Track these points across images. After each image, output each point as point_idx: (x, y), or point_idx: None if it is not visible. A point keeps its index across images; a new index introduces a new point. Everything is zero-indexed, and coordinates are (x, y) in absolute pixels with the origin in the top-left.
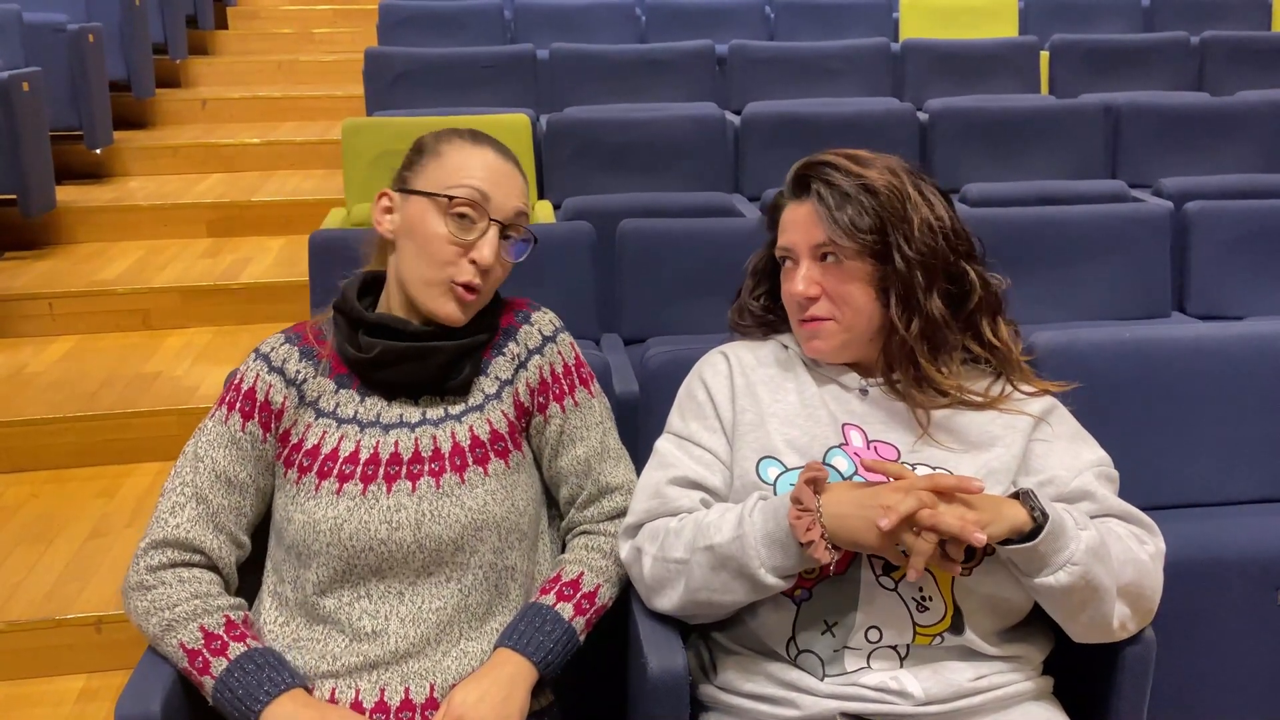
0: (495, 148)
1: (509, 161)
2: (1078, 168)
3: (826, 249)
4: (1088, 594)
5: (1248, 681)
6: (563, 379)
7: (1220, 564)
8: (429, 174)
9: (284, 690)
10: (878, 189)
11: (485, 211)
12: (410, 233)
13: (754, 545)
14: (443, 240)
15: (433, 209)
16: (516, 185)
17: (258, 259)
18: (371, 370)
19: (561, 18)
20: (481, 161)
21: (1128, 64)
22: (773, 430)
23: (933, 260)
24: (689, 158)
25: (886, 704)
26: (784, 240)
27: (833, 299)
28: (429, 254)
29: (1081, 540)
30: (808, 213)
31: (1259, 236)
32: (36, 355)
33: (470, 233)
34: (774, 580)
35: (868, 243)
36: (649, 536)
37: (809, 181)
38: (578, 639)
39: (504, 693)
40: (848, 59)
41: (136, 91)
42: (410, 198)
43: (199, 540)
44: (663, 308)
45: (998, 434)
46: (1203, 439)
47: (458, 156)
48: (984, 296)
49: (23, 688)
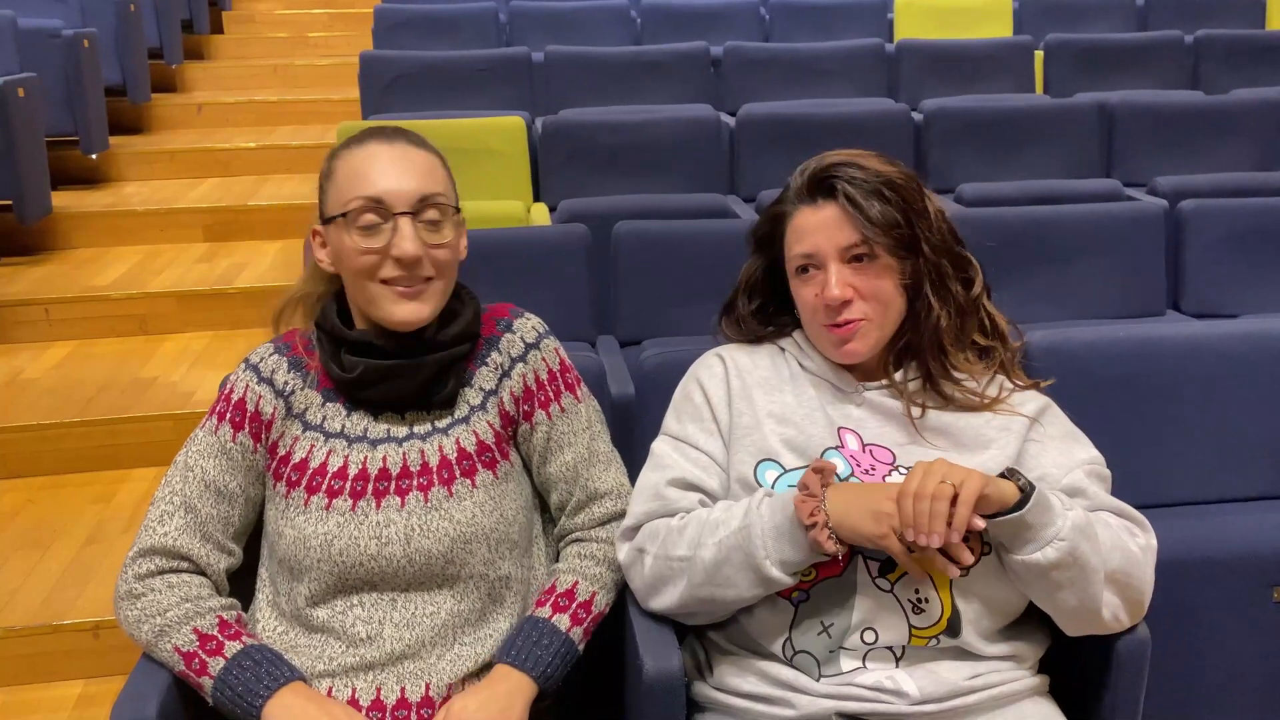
0: (383, 138)
1: (399, 143)
2: (1073, 167)
3: (859, 249)
4: (1075, 572)
5: (1244, 679)
6: (547, 385)
7: (1215, 562)
8: (331, 197)
9: (284, 684)
10: (898, 183)
11: (386, 210)
12: (339, 260)
13: (760, 537)
14: (360, 255)
15: (343, 230)
16: (413, 166)
17: (254, 263)
18: (356, 389)
19: (556, 20)
20: (367, 162)
21: (1122, 63)
22: (769, 432)
23: (947, 248)
24: (684, 159)
25: (882, 703)
26: (804, 247)
27: (866, 298)
28: (357, 271)
29: (1069, 518)
30: (833, 216)
31: (1253, 235)
32: (33, 361)
33: (379, 238)
34: (779, 574)
35: (901, 237)
36: (649, 536)
37: (831, 184)
38: (576, 649)
39: (502, 704)
40: (842, 60)
41: (132, 96)
42: (329, 226)
43: (186, 548)
44: (658, 309)
45: (992, 436)
46: (1198, 437)
47: (345, 169)
48: (983, 281)
49: (20, 694)
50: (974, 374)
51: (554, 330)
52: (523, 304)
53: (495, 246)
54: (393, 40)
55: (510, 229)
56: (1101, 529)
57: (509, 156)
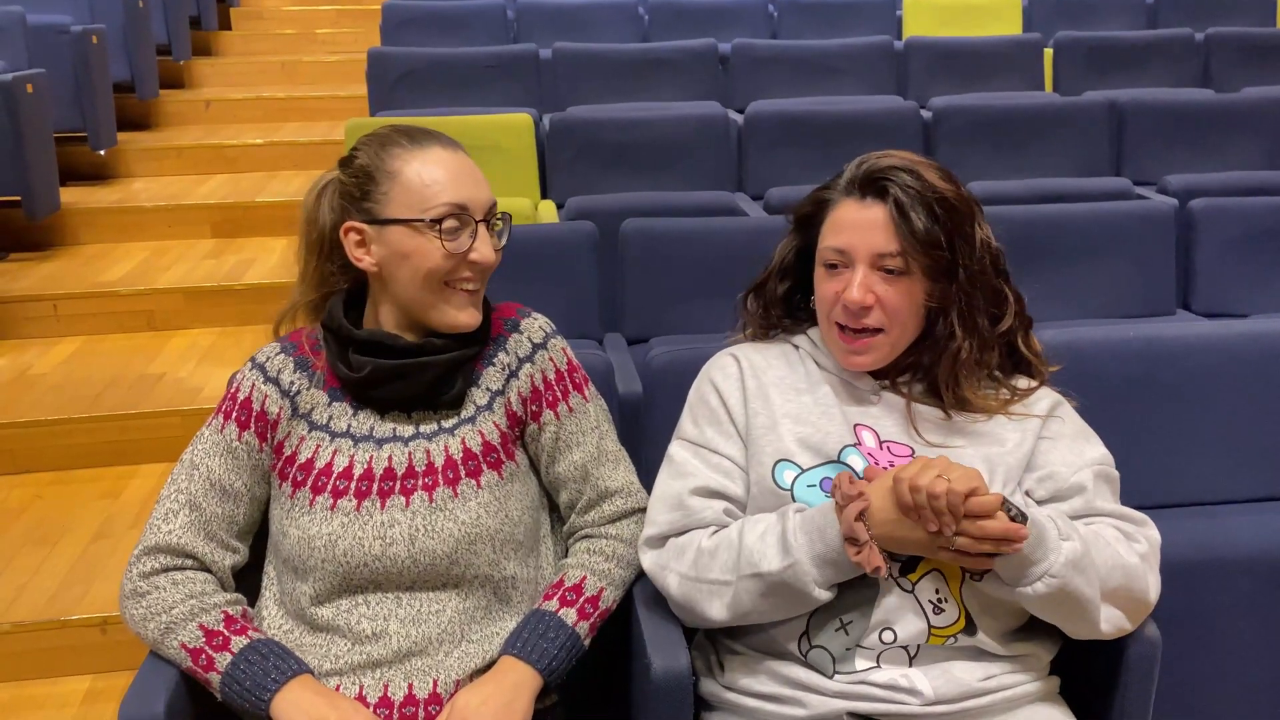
0: (441, 144)
1: (458, 152)
2: (1082, 165)
3: (893, 261)
4: (1070, 605)
5: (1254, 681)
6: (555, 385)
7: (1226, 563)
8: (395, 199)
9: (292, 677)
10: (952, 203)
11: (469, 216)
12: (402, 261)
13: (807, 569)
14: (441, 258)
15: (419, 233)
16: (477, 173)
17: (262, 259)
18: (364, 388)
19: (564, 17)
20: (440, 167)
21: (1132, 61)
22: (785, 432)
23: (984, 280)
24: (692, 157)
25: (895, 703)
26: (839, 240)
27: (886, 310)
28: (431, 275)
29: (1063, 551)
30: (877, 218)
31: (1264, 234)
32: (41, 357)
33: (462, 243)
34: (827, 595)
35: (939, 259)
36: (675, 553)
37: (884, 186)
38: (582, 644)
39: (507, 697)
40: (851, 57)
41: (140, 93)
42: (386, 228)
43: (190, 546)
44: (666, 307)
45: (1006, 435)
46: (1207, 437)
47: (415, 172)
48: (1019, 315)
49: (28, 689)
50: (986, 407)
51: (561, 327)
52: (530, 301)
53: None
54: (401, 37)
55: (518, 226)
56: (1099, 552)
57: (516, 153)
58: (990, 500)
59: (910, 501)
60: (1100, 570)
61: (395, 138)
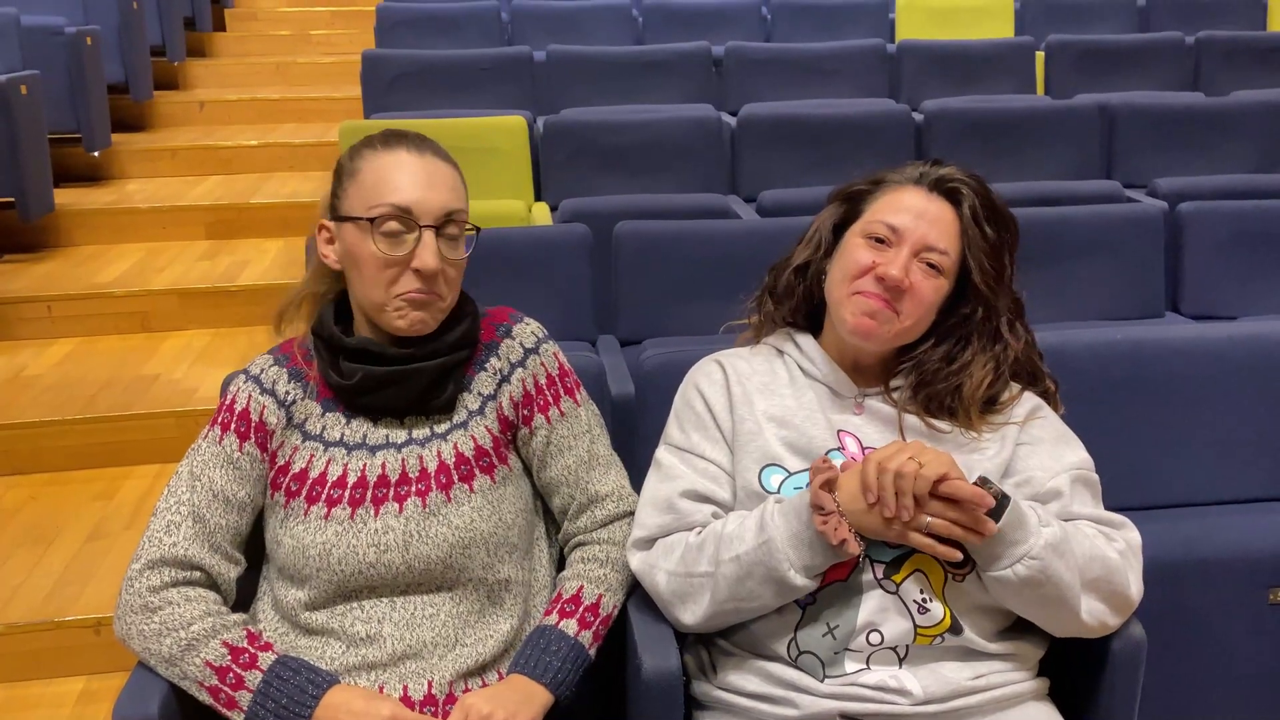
0: (411, 146)
1: (428, 155)
2: (1073, 168)
3: (939, 258)
4: (1049, 589)
5: (1240, 680)
6: (546, 390)
7: (1212, 564)
8: (351, 197)
9: (327, 688)
10: (1011, 228)
11: (413, 221)
12: (352, 261)
13: (781, 548)
14: (379, 262)
15: (363, 232)
16: (441, 180)
17: (256, 261)
18: (355, 396)
19: (558, 19)
20: (397, 169)
21: (1123, 64)
22: (771, 436)
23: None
24: (685, 159)
25: (885, 703)
26: (897, 220)
27: (913, 299)
28: (371, 277)
29: (1042, 535)
30: (945, 216)
31: (1253, 237)
32: (35, 358)
33: (402, 248)
34: (803, 581)
35: (983, 277)
36: (663, 551)
37: (957, 193)
38: (586, 653)
39: (520, 696)
40: (844, 60)
41: (134, 94)
42: (343, 225)
43: (198, 558)
44: (659, 309)
45: (986, 443)
46: (1195, 439)
47: (372, 171)
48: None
49: (22, 690)
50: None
51: (554, 329)
52: (523, 303)
53: (496, 246)
54: (395, 39)
55: (511, 228)
56: (1078, 542)
57: (510, 156)
58: (963, 485)
59: (872, 481)
60: (1079, 559)
61: (374, 139)
